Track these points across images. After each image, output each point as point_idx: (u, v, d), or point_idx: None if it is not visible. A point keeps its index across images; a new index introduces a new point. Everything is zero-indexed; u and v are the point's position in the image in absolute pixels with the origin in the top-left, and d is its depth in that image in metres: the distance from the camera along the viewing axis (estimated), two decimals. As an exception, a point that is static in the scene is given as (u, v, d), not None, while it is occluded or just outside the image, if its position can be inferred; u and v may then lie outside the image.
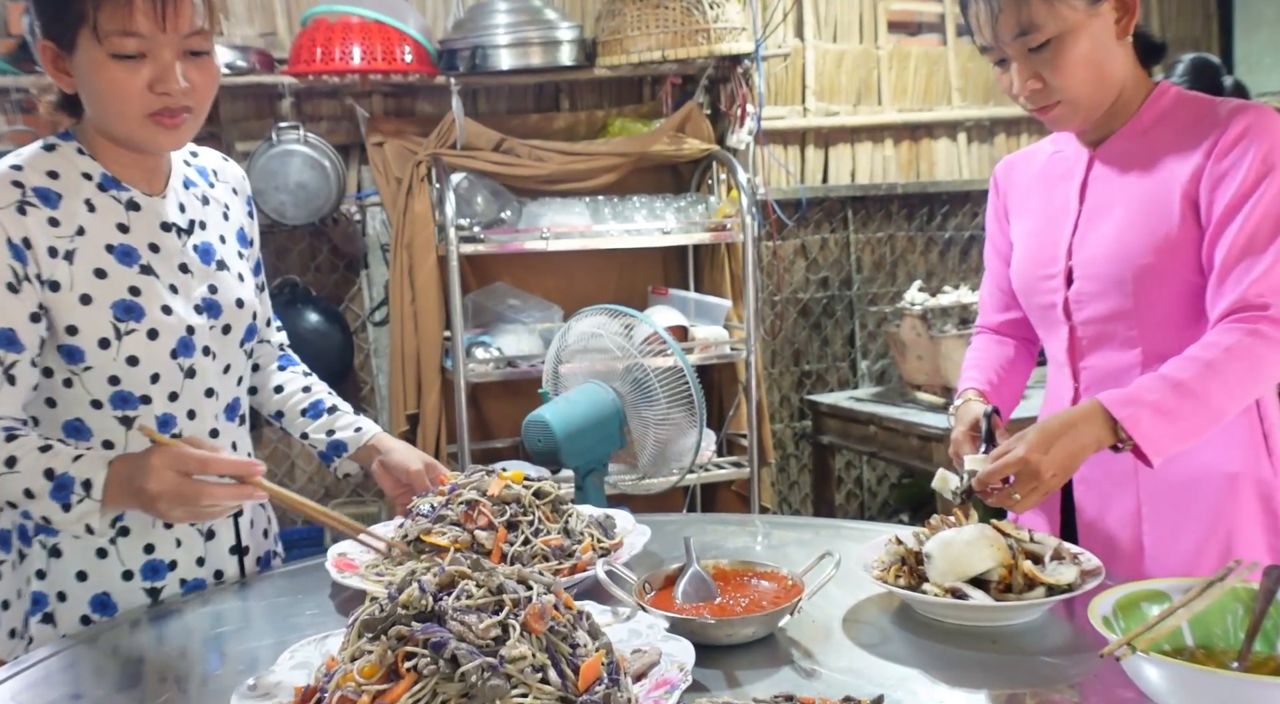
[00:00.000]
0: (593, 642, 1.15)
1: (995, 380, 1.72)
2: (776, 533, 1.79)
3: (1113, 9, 1.45)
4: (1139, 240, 1.48)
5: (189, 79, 1.41)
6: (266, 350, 1.82)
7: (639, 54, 3.32)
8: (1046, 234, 1.60)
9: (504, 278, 3.63)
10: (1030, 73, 1.46)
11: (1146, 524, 1.54)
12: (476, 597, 1.12)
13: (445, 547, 1.48)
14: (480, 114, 3.58)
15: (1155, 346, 1.48)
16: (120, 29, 1.36)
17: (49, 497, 1.33)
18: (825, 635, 1.33)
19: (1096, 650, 1.22)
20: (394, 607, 1.13)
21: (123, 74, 1.38)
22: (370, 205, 3.59)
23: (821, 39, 4.05)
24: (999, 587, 1.32)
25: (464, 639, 1.08)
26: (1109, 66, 1.47)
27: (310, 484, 3.67)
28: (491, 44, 3.26)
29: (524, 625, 1.10)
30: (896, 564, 1.39)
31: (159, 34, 1.37)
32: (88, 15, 1.36)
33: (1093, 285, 1.52)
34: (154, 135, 1.44)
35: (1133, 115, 1.52)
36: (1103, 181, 1.54)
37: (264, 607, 1.56)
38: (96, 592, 1.50)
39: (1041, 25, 1.42)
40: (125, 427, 1.50)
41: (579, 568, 1.48)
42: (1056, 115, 1.50)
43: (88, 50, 1.38)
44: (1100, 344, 1.53)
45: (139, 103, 1.40)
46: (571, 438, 2.20)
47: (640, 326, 2.45)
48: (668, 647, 1.21)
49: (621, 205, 3.53)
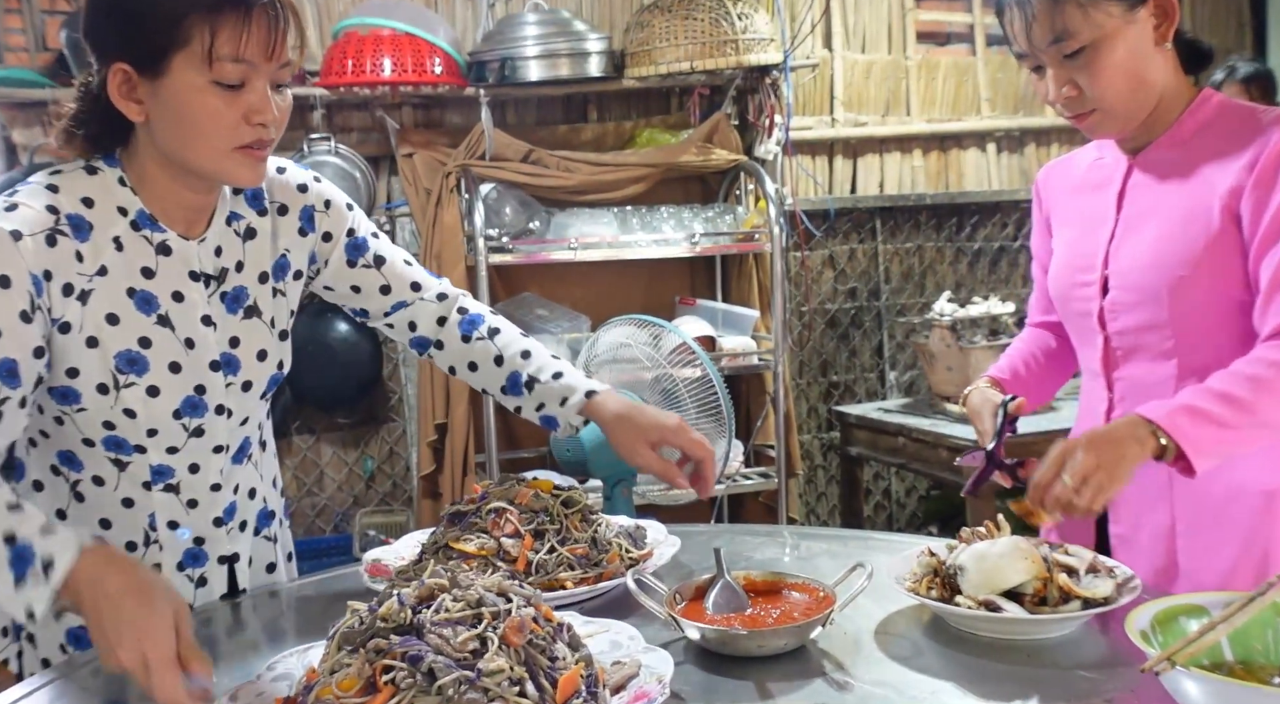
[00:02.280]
0: (572, 654, 1.16)
1: (1022, 370, 1.70)
2: (805, 544, 1.78)
3: (1151, 15, 1.44)
4: (1176, 252, 1.45)
5: (276, 111, 1.36)
6: (425, 311, 1.72)
7: (667, 65, 3.33)
8: (1083, 242, 1.58)
9: (531, 288, 3.64)
10: (1065, 79, 1.44)
11: (1181, 541, 1.52)
12: (454, 610, 1.13)
13: (472, 553, 1.48)
14: (509, 125, 3.60)
15: (1191, 359, 1.46)
16: (232, 55, 1.29)
17: (6, 565, 1.19)
18: (857, 647, 1.32)
19: (1133, 665, 1.21)
20: (373, 619, 1.13)
21: (221, 103, 1.31)
22: (400, 216, 3.62)
23: (850, 49, 4.04)
24: (1033, 600, 1.30)
25: (441, 652, 1.08)
26: (1147, 73, 1.45)
27: (340, 493, 3.69)
28: (520, 56, 3.27)
29: (502, 638, 1.10)
30: (929, 576, 1.38)
31: (263, 63, 1.32)
32: (193, 39, 1.28)
33: (1128, 295, 1.50)
34: (238, 168, 1.37)
35: (1174, 123, 1.50)
36: (1141, 190, 1.52)
37: (297, 618, 1.56)
38: (73, 625, 1.46)
39: (1076, 32, 1.41)
40: (117, 468, 1.45)
41: (605, 577, 1.48)
42: (1093, 122, 1.48)
43: (184, 76, 1.30)
44: (1135, 355, 1.51)
45: (231, 134, 1.34)
46: (600, 449, 2.20)
47: (669, 337, 2.44)
48: (647, 659, 1.21)
49: (649, 216, 3.53)
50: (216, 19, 1.28)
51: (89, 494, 1.46)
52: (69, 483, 1.46)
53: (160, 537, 1.50)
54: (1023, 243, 4.29)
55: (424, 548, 1.53)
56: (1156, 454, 1.36)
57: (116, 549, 1.26)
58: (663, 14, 3.37)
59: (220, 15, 1.28)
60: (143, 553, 1.49)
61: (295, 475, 3.62)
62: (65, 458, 1.45)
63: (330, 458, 3.65)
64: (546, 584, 1.44)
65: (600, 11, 3.75)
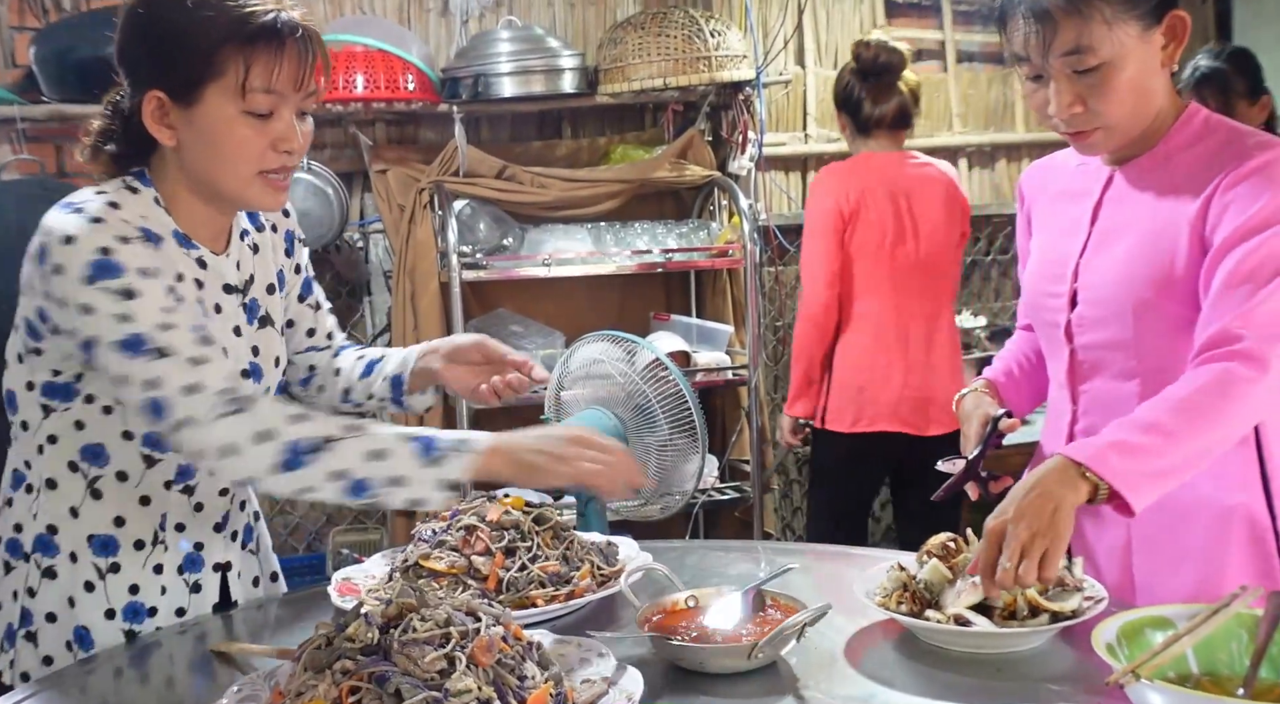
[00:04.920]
0: (541, 673, 1.16)
1: (1015, 371, 1.67)
2: (780, 559, 1.77)
3: (1162, 36, 1.41)
4: (1142, 271, 1.43)
5: (300, 137, 1.42)
6: (326, 357, 1.80)
7: (641, 81, 3.34)
8: (1056, 251, 1.56)
9: (506, 304, 3.63)
10: (1074, 95, 1.40)
11: (1137, 557, 1.50)
12: (422, 630, 1.12)
13: (443, 572, 1.47)
14: (482, 141, 3.60)
15: (1154, 379, 1.43)
16: (264, 86, 1.36)
17: (412, 453, 1.30)
18: (829, 663, 1.32)
19: (1101, 678, 1.21)
20: (340, 640, 1.13)
21: (250, 131, 1.38)
22: (373, 232, 3.61)
23: (822, 66, 4.07)
24: (1002, 614, 1.31)
25: (409, 673, 1.08)
26: (1151, 94, 1.42)
27: (312, 511, 3.66)
28: (494, 72, 3.28)
29: (470, 658, 1.10)
30: (898, 591, 1.38)
31: (292, 93, 1.38)
32: (228, 71, 1.34)
33: (1094, 311, 1.48)
34: (263, 194, 1.43)
35: (1160, 138, 1.47)
36: (1117, 203, 1.50)
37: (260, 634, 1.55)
38: (79, 623, 1.48)
39: (1097, 48, 1.36)
40: (146, 465, 1.49)
41: (576, 594, 1.47)
42: (1094, 140, 1.45)
43: (217, 105, 1.36)
44: (1100, 370, 1.50)
45: (258, 161, 1.40)
46: (574, 464, 2.20)
47: (642, 352, 2.44)
48: (617, 677, 1.21)
49: (624, 231, 3.53)
50: (251, 52, 1.34)
51: (108, 490, 1.49)
52: (87, 479, 1.48)
53: (167, 538, 1.53)
54: (994, 257, 4.32)
55: (394, 566, 1.52)
56: (1089, 497, 1.27)
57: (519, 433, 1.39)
58: (636, 31, 3.38)
59: (255, 49, 1.34)
60: (149, 552, 1.52)
61: (267, 495, 3.58)
62: (91, 452, 1.47)
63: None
64: (518, 602, 1.44)
65: (574, 28, 3.76)
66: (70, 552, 1.48)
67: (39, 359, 1.44)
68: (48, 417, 1.47)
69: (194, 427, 1.30)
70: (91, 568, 1.49)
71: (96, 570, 1.49)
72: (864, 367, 2.90)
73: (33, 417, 1.47)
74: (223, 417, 1.30)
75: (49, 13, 3.25)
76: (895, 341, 2.89)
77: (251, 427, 1.29)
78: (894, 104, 2.91)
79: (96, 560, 1.49)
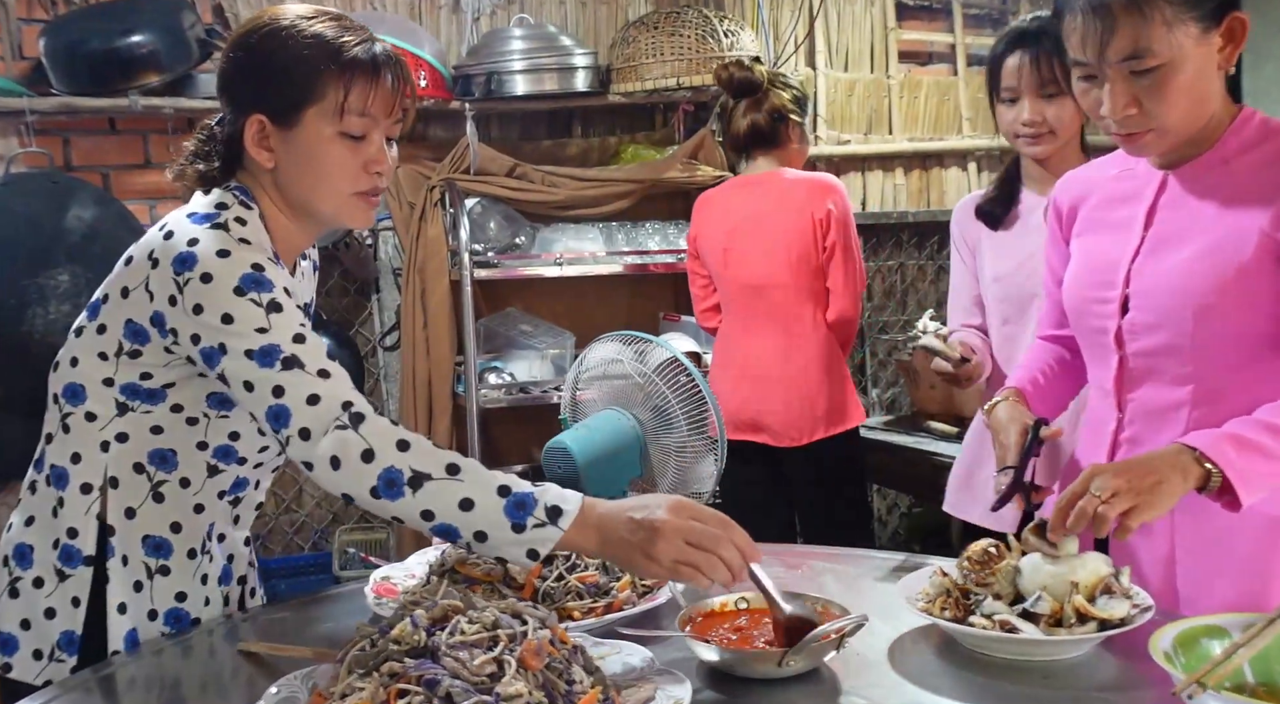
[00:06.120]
0: (588, 677, 1.14)
1: (1041, 380, 1.66)
2: (808, 562, 1.76)
3: (1220, 37, 1.39)
4: (1205, 277, 1.41)
5: (391, 161, 1.50)
6: None
7: (654, 81, 3.33)
8: (1104, 256, 1.54)
9: (514, 304, 3.61)
10: (1129, 97, 1.38)
11: (1181, 567, 1.49)
12: (470, 632, 1.11)
13: (479, 578, 1.45)
14: (492, 140, 3.58)
15: (1208, 386, 1.43)
16: (360, 109, 1.43)
17: (501, 512, 1.28)
18: (870, 669, 1.31)
19: (1150, 687, 1.21)
20: (385, 642, 1.11)
21: (345, 153, 1.45)
22: (383, 230, 3.58)
23: (833, 68, 4.06)
24: (1049, 620, 1.29)
25: (458, 676, 1.06)
26: (1207, 96, 1.41)
27: (318, 509, 3.64)
28: (507, 69, 3.26)
29: (520, 661, 1.09)
30: (942, 596, 1.37)
31: (384, 118, 1.46)
32: (327, 94, 1.42)
33: (1149, 317, 1.46)
34: (355, 212, 1.50)
35: (1216, 142, 1.45)
36: (1173, 209, 1.48)
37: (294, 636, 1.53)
38: (129, 627, 1.47)
39: (1157, 51, 1.35)
40: (208, 474, 1.51)
41: (615, 607, 1.45)
42: (1145, 142, 1.42)
43: (315, 127, 1.44)
44: (1150, 377, 1.48)
45: (352, 181, 1.47)
46: (592, 465, 2.18)
47: (660, 352, 2.43)
48: (663, 682, 1.19)
49: (634, 231, 3.52)
50: (350, 77, 1.43)
51: (170, 495, 1.50)
52: (151, 482, 1.49)
53: (211, 547, 1.55)
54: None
55: (431, 568, 1.50)
56: (1200, 484, 1.31)
57: (612, 501, 1.33)
58: (649, 30, 3.37)
59: (354, 75, 1.43)
60: (198, 562, 1.53)
61: (273, 492, 3.56)
62: (159, 457, 1.48)
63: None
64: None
65: (584, 26, 3.74)
66: (123, 554, 1.47)
67: (131, 361, 1.44)
68: (122, 415, 1.46)
69: (309, 436, 1.32)
70: (142, 567, 1.48)
71: (146, 569, 1.48)
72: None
73: (103, 412, 1.46)
74: (336, 430, 1.31)
75: (57, 4, 3.22)
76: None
77: (359, 444, 1.30)
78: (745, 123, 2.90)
79: (148, 560, 1.48)
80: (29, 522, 1.50)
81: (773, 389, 2.87)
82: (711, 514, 1.30)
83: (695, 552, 1.27)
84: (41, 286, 2.94)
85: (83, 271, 2.99)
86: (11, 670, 1.47)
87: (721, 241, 2.91)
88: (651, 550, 1.27)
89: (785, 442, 2.88)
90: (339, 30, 1.44)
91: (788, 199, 2.87)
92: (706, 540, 1.27)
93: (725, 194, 2.97)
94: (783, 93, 2.91)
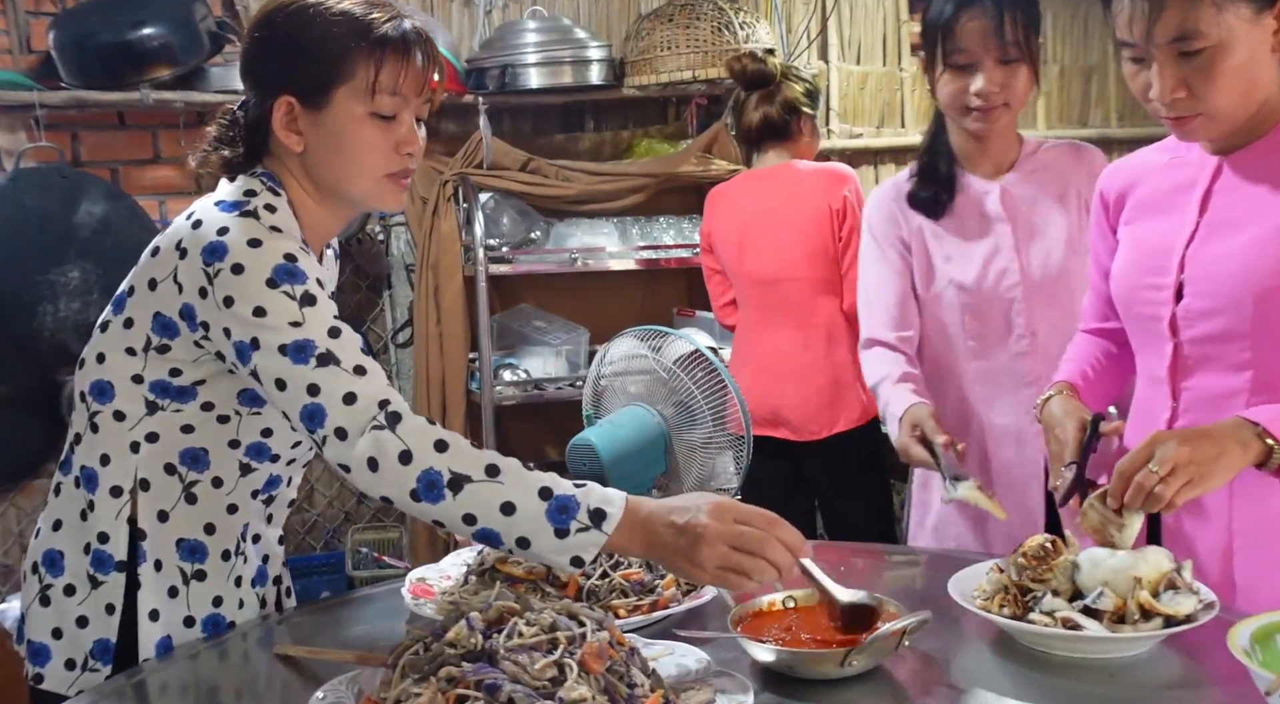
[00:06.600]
0: (646, 680, 1.11)
1: (1091, 373, 1.63)
2: (846, 560, 1.73)
3: (1275, 19, 1.36)
4: (1268, 260, 1.39)
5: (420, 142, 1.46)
6: None
7: (669, 74, 3.29)
8: (1157, 242, 1.51)
9: (526, 300, 3.59)
10: (1177, 80, 1.36)
11: (1238, 558, 1.46)
12: (528, 635, 1.07)
13: (520, 577, 1.42)
14: (504, 134, 3.54)
15: (1267, 373, 1.40)
16: (391, 88, 1.39)
17: (544, 517, 1.23)
18: (929, 668, 1.28)
19: (1217, 683, 1.19)
20: (440, 646, 1.08)
21: (376, 133, 1.41)
22: (395, 225, 3.55)
23: (845, 61, 4.03)
24: (1112, 617, 1.26)
25: (519, 680, 1.03)
26: (1259, 80, 1.39)
27: (330, 509, 3.60)
28: (521, 62, 3.23)
29: (581, 665, 1.05)
30: (1000, 593, 1.34)
31: (414, 97, 1.42)
32: (358, 73, 1.38)
33: (1206, 303, 1.44)
34: (386, 194, 1.46)
35: (1273, 126, 1.43)
36: (1230, 194, 1.46)
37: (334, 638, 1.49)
38: (162, 635, 1.43)
39: (1205, 32, 1.33)
40: (241, 473, 1.46)
41: (660, 605, 1.42)
42: (1195, 126, 1.41)
43: (345, 107, 1.39)
44: (1207, 365, 1.45)
45: (384, 162, 1.42)
46: (618, 462, 2.14)
47: (682, 346, 2.40)
48: (722, 684, 1.16)
49: (649, 226, 3.49)
50: (381, 55, 1.38)
51: (203, 496, 1.45)
52: (184, 483, 1.44)
53: (246, 549, 1.51)
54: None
55: (470, 568, 1.46)
56: (1260, 460, 1.30)
57: (656, 499, 1.29)
58: (664, 23, 3.34)
59: (385, 53, 1.38)
60: (233, 564, 1.48)
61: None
62: (190, 456, 1.43)
63: (321, 472, 3.55)
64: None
65: (597, 19, 3.71)
66: (156, 559, 1.43)
67: (160, 356, 1.40)
68: (152, 414, 1.41)
69: (345, 437, 1.27)
70: (177, 572, 1.44)
71: (181, 574, 1.44)
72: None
73: (133, 411, 1.41)
74: (373, 430, 1.26)
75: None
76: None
77: (397, 445, 1.26)
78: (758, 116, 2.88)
79: (182, 565, 1.44)
80: (56, 526, 1.46)
81: (790, 383, 2.84)
82: (757, 513, 1.26)
83: (740, 556, 1.23)
84: (52, 283, 2.90)
85: (93, 268, 2.95)
86: (44, 681, 1.43)
87: (735, 236, 2.88)
88: (696, 557, 1.23)
89: (805, 436, 2.85)
90: (366, 7, 1.39)
91: (801, 191, 2.85)
92: (752, 543, 1.23)
93: (737, 188, 2.94)
94: (795, 86, 2.89)
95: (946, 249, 1.95)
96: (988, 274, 1.91)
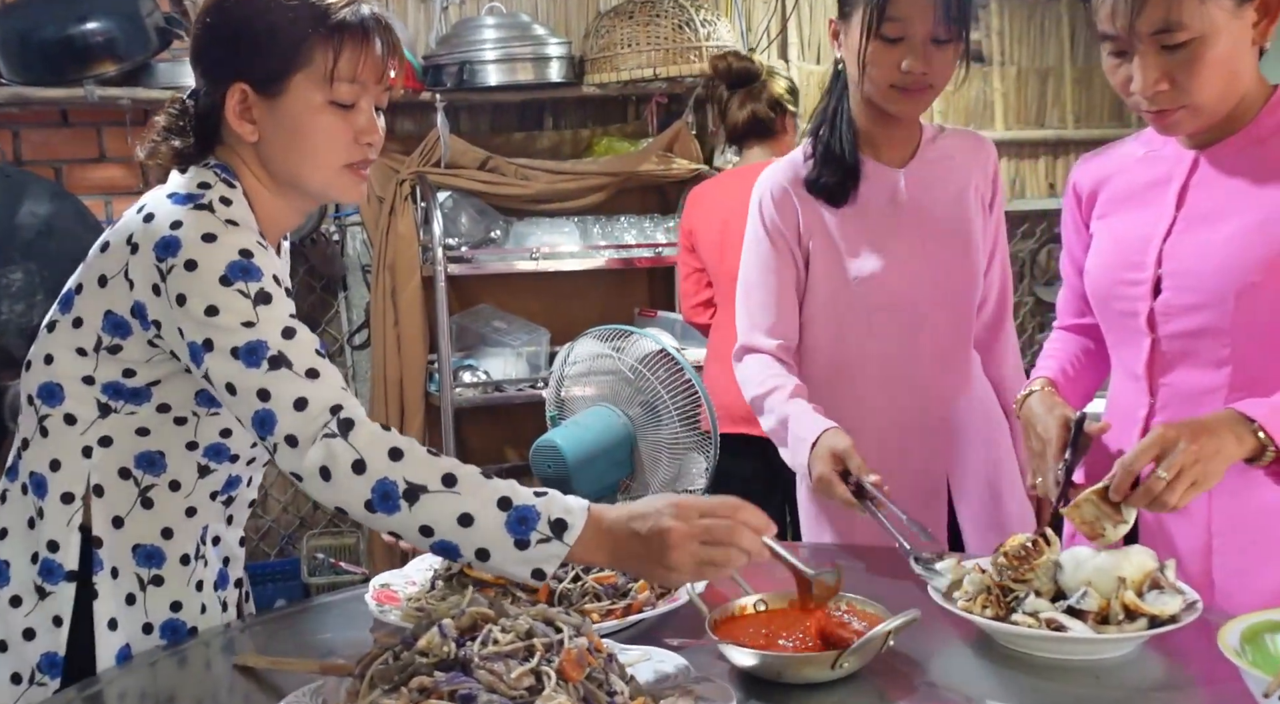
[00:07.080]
0: (626, 687, 1.08)
1: (1070, 371, 1.61)
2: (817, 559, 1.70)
3: (1255, 11, 1.35)
4: (1249, 255, 1.38)
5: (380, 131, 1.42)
6: None
7: (629, 72, 3.26)
8: (1133, 236, 1.49)
9: (486, 300, 3.53)
10: (1160, 72, 1.35)
11: (1217, 557, 1.45)
12: (504, 642, 1.04)
13: (489, 581, 1.38)
14: (463, 132, 3.49)
15: (1246, 368, 1.39)
16: (350, 76, 1.35)
17: (503, 528, 1.19)
18: (912, 670, 1.25)
19: (1204, 684, 1.17)
20: (411, 654, 1.03)
21: (335, 122, 1.36)
22: (350, 225, 3.49)
23: (805, 60, 4.02)
24: (1096, 617, 1.24)
25: (495, 690, 0.99)
26: (1240, 72, 1.38)
27: (285, 514, 3.53)
28: (479, 59, 3.18)
29: (559, 672, 1.02)
30: (982, 594, 1.31)
31: (374, 85, 1.38)
32: (315, 59, 1.33)
33: (1185, 298, 1.42)
34: (346, 185, 1.41)
35: (1251, 120, 1.42)
36: (1207, 188, 1.44)
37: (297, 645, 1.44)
38: (122, 644, 1.37)
39: (1188, 24, 1.32)
40: (199, 475, 1.41)
41: (634, 609, 1.38)
42: (1176, 119, 1.39)
43: (303, 95, 1.34)
44: (1185, 360, 1.44)
45: (343, 152, 1.38)
46: (583, 463, 2.11)
47: (648, 345, 2.36)
48: (703, 690, 1.13)
49: (610, 225, 3.45)
50: (339, 41, 1.34)
51: (159, 500, 1.40)
52: (139, 487, 1.38)
53: (206, 552, 1.45)
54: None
55: (436, 573, 1.42)
56: (1252, 455, 1.28)
57: (618, 505, 1.25)
58: (624, 20, 3.31)
59: (343, 38, 1.34)
60: (192, 568, 1.43)
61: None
62: (146, 460, 1.38)
63: (275, 478, 3.47)
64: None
65: (556, 16, 3.66)
66: (112, 566, 1.36)
67: (112, 357, 1.34)
68: (105, 416, 1.35)
69: (296, 444, 1.22)
70: (134, 579, 1.38)
71: (139, 581, 1.38)
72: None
73: (84, 414, 1.35)
74: (324, 438, 1.21)
75: (8, -9, 3.09)
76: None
77: (350, 454, 1.21)
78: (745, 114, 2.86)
79: (140, 571, 1.38)
80: (2, 534, 1.39)
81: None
82: (718, 503, 1.23)
83: (712, 549, 1.21)
84: (-6, 285, 2.81)
85: (38, 269, 2.86)
86: None
87: (717, 234, 2.85)
88: (667, 561, 1.20)
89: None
90: None
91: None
92: (720, 534, 1.21)
93: (721, 186, 2.91)
94: (779, 83, 2.87)
95: (852, 242, 1.79)
96: (902, 269, 1.77)
